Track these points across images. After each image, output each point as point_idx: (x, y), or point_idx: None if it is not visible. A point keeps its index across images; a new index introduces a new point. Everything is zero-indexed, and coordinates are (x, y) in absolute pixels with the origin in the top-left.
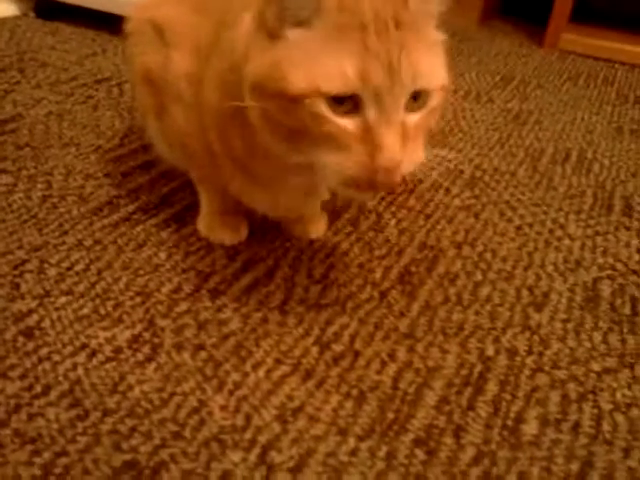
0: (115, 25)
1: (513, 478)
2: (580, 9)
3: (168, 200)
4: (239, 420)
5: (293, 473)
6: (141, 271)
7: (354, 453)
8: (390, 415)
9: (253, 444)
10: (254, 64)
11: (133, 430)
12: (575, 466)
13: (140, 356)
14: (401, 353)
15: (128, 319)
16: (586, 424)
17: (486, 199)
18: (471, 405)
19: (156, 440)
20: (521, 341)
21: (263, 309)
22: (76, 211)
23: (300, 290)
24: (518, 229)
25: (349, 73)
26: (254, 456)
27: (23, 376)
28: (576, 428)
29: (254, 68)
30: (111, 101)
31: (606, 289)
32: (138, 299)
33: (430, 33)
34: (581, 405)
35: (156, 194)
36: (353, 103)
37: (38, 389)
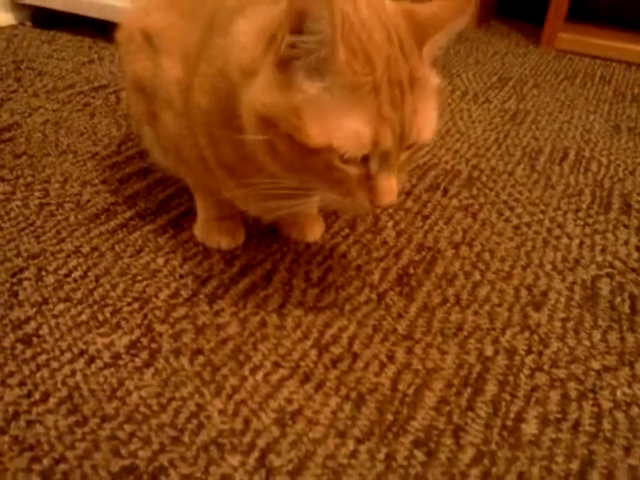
0: (111, 32)
1: (513, 478)
2: (576, 8)
3: (165, 206)
4: (238, 424)
5: (292, 476)
6: (139, 277)
7: (353, 455)
8: (389, 417)
9: (252, 448)
10: (263, 94)
11: (132, 435)
12: (575, 465)
13: (138, 362)
14: (400, 355)
15: (126, 325)
16: (586, 423)
17: (484, 199)
18: (470, 405)
19: (155, 445)
20: (520, 341)
21: (261, 313)
22: (73, 218)
23: (298, 293)
24: (516, 228)
25: (364, 140)
26: (253, 460)
27: (22, 383)
28: (576, 427)
29: (263, 99)
30: (108, 108)
31: (605, 287)
32: (136, 305)
33: (431, 79)
34: (581, 404)
35: (153, 200)
36: (362, 157)
37: (37, 396)
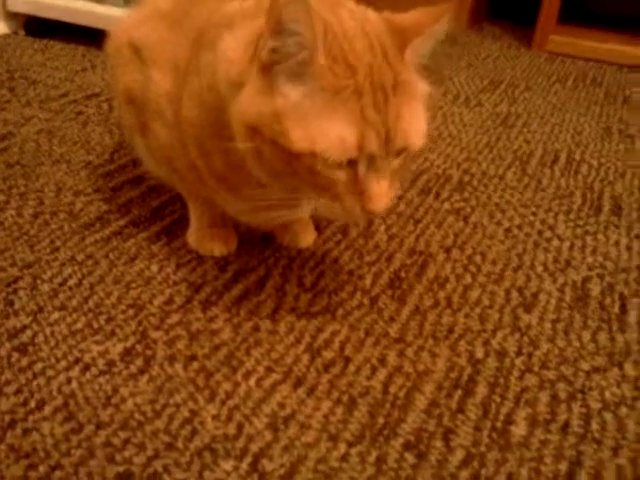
0: (104, 41)
1: (502, 479)
2: (568, 10)
3: (158, 213)
4: (231, 429)
5: None
6: (133, 284)
7: (344, 459)
8: (380, 420)
9: (245, 453)
10: (249, 103)
11: (126, 442)
12: (564, 466)
13: (133, 369)
14: (391, 358)
15: (121, 332)
16: (575, 424)
17: (475, 202)
18: (461, 408)
19: (149, 451)
20: (510, 342)
21: (254, 318)
22: (67, 227)
23: (291, 299)
24: (507, 231)
25: (347, 144)
26: (246, 464)
27: (18, 391)
28: (565, 428)
29: (249, 107)
30: (101, 117)
31: (595, 288)
32: (130, 312)
33: (419, 87)
34: (570, 405)
35: (146, 208)
36: (347, 161)
37: (33, 404)
